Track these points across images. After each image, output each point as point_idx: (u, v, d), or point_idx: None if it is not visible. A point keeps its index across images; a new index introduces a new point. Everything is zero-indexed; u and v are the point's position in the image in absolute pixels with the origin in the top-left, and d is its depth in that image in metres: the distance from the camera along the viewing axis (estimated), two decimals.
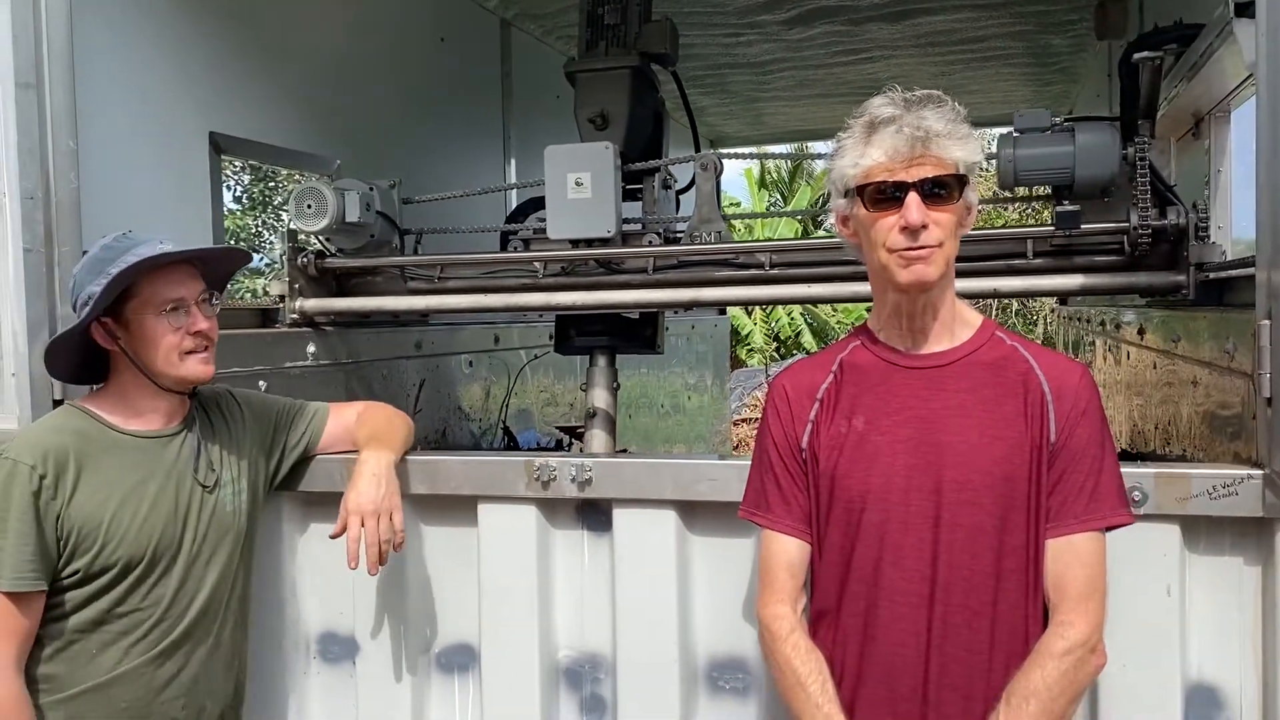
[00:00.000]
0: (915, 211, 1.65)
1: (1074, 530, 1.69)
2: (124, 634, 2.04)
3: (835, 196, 1.80)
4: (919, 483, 1.71)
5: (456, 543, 2.38)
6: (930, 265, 1.68)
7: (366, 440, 2.30)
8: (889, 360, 1.80)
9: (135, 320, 2.04)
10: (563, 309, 3.31)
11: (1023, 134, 2.85)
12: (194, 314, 2.08)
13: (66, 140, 2.53)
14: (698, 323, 7.66)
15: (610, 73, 3.54)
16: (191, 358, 2.08)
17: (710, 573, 2.22)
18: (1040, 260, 2.94)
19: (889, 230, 1.68)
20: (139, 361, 2.06)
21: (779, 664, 1.78)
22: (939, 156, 1.67)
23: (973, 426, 1.71)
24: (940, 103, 1.70)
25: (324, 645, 2.48)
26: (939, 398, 1.75)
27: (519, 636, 2.31)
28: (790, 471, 1.82)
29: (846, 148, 1.73)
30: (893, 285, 1.73)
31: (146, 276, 2.03)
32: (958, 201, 1.70)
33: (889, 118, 1.68)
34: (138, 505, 2.05)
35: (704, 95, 7.15)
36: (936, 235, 1.67)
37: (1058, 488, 1.70)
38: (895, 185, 1.67)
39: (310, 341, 3.40)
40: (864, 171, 1.70)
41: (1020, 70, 6.65)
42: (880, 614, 1.73)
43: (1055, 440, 1.70)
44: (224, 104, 3.30)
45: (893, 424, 1.75)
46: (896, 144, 1.66)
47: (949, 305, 1.80)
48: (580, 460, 2.23)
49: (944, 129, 1.67)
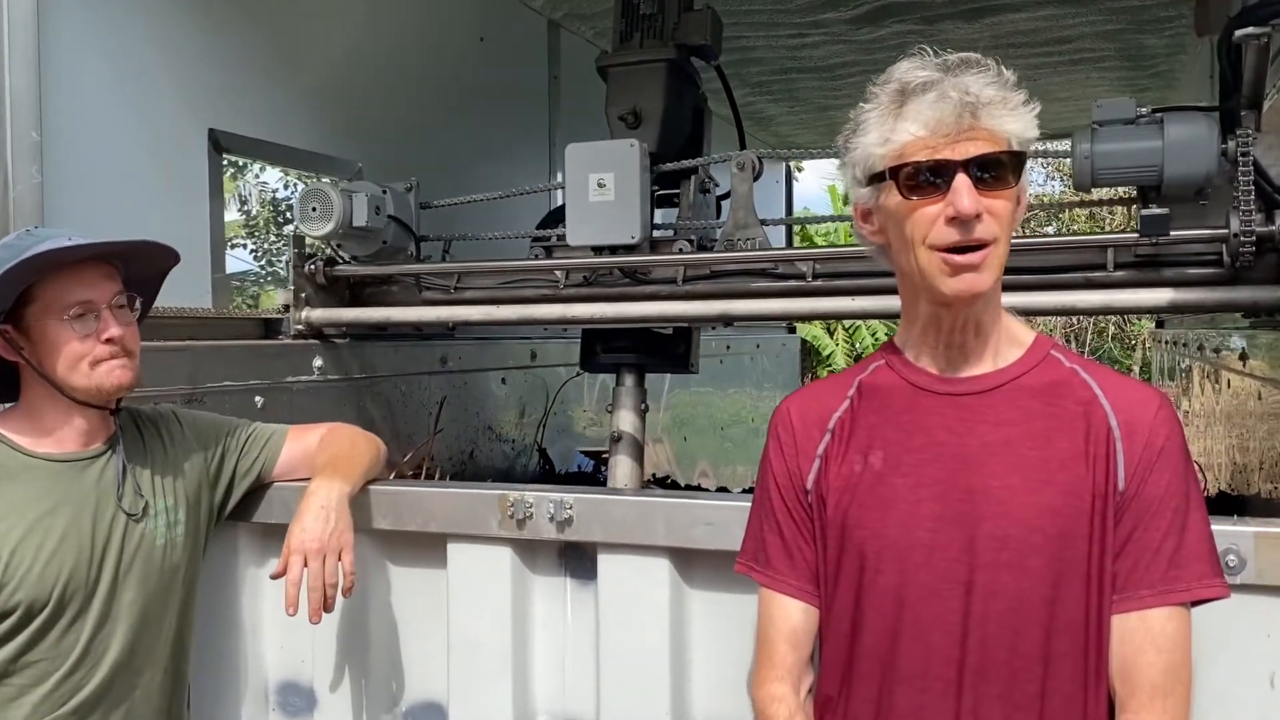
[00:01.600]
0: (967, 197, 1.29)
1: (1149, 604, 1.32)
2: (29, 688, 1.78)
3: (854, 186, 1.43)
4: (948, 538, 1.35)
5: (426, 585, 2.09)
6: (984, 272, 1.33)
7: (322, 467, 2.03)
8: (916, 384, 1.45)
9: (37, 327, 1.79)
10: (581, 322, 3.02)
11: (1103, 126, 2.47)
12: (105, 319, 1.81)
13: (29, 130, 2.35)
14: (763, 341, 7.32)
15: (644, 66, 3.24)
16: (105, 364, 1.81)
17: (710, 632, 1.89)
18: (1122, 273, 2.54)
19: (931, 223, 1.33)
20: (46, 373, 1.81)
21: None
22: (991, 129, 1.31)
23: (1017, 468, 1.35)
24: (983, 66, 1.34)
25: (284, 696, 2.21)
26: (976, 431, 1.39)
27: (493, 696, 2.00)
28: (794, 518, 1.48)
29: (870, 122, 1.36)
30: (930, 295, 1.38)
31: (49, 278, 1.77)
32: (1014, 185, 1.34)
33: (926, 82, 1.32)
34: (43, 539, 1.78)
35: (772, 103, 6.82)
36: (991, 229, 1.32)
37: (1128, 549, 1.33)
38: (938, 166, 1.31)
39: (317, 355, 3.17)
40: (897, 150, 1.33)
41: (1112, 74, 6.17)
42: (896, 704, 1.38)
43: (1124, 488, 1.33)
44: (226, 100, 3.09)
45: (916, 462, 1.40)
46: (940, 114, 1.31)
47: (995, 319, 1.44)
48: (559, 496, 1.92)
49: (996, 95, 1.32)
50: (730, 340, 6.58)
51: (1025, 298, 2.52)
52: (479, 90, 4.34)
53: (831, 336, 19.36)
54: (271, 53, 3.28)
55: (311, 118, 3.46)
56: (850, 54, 5.74)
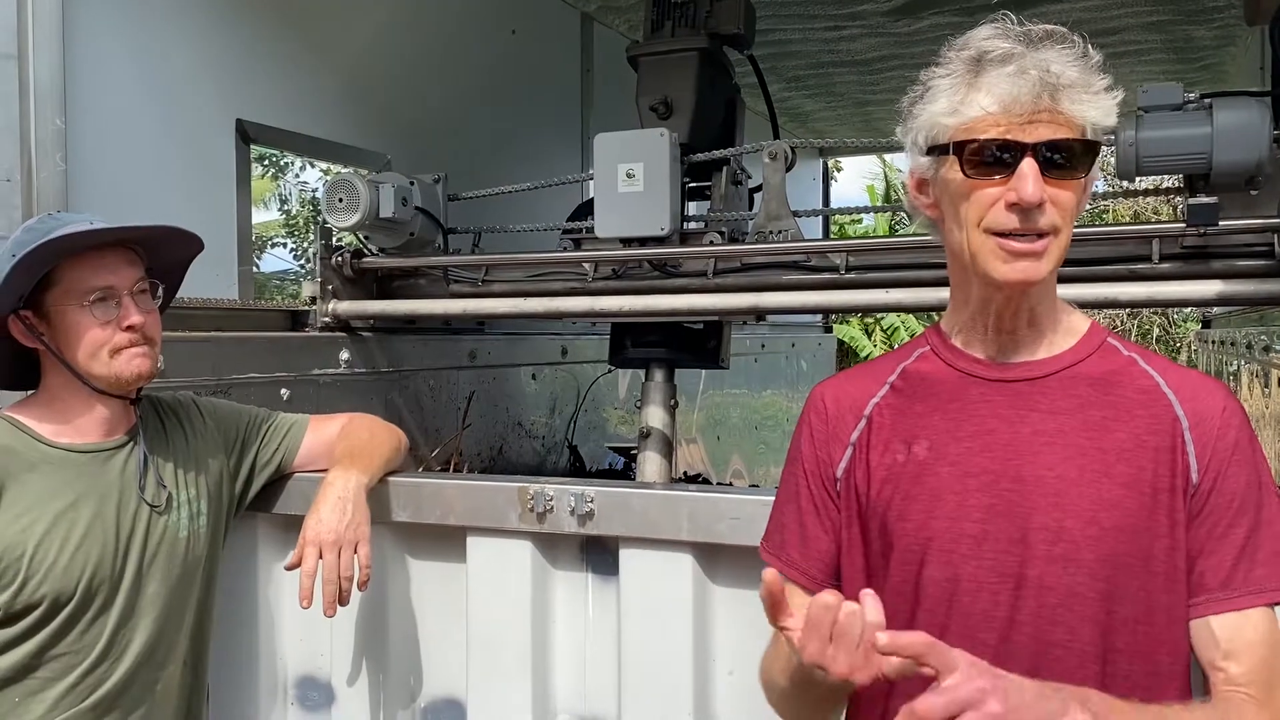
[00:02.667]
0: (1032, 185, 1.21)
1: (1247, 603, 1.25)
2: (52, 681, 1.75)
3: (914, 153, 1.35)
4: (998, 530, 1.28)
5: (446, 579, 2.05)
6: (1043, 261, 1.25)
7: (340, 458, 1.99)
8: (965, 371, 1.38)
9: (57, 311, 1.76)
10: (610, 315, 2.97)
11: (1148, 113, 2.38)
12: (126, 306, 1.78)
13: (53, 118, 2.34)
14: (798, 340, 7.23)
15: (675, 55, 3.19)
16: (125, 352, 1.78)
17: (734, 629, 1.82)
18: (1168, 264, 2.45)
19: (989, 205, 1.25)
20: (66, 360, 1.78)
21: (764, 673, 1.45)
22: (1068, 114, 1.23)
23: (1071, 458, 1.28)
24: (1069, 42, 1.25)
25: (303, 691, 2.17)
26: (1028, 420, 1.32)
27: (512, 694, 1.96)
28: (816, 505, 1.42)
29: (941, 89, 1.28)
30: (983, 279, 1.30)
31: (70, 262, 1.74)
32: (1083, 176, 1.26)
33: (1004, 54, 1.23)
34: (68, 531, 1.76)
35: (808, 98, 6.73)
36: (1053, 219, 1.24)
37: (1211, 546, 1.26)
38: (1007, 146, 1.23)
39: (344, 348, 3.14)
40: (967, 123, 1.25)
41: (1159, 68, 6.03)
42: None
43: (1199, 481, 1.27)
44: (255, 89, 3.07)
45: (965, 451, 1.33)
46: (1016, 90, 1.22)
47: (1050, 306, 1.36)
48: (580, 489, 1.87)
49: (1078, 78, 1.23)
50: (765, 339, 6.51)
51: (1068, 289, 2.42)
52: (510, 82, 4.31)
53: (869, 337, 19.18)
54: (300, 42, 3.26)
55: (340, 109, 3.44)
56: (888, 47, 5.65)
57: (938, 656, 1.11)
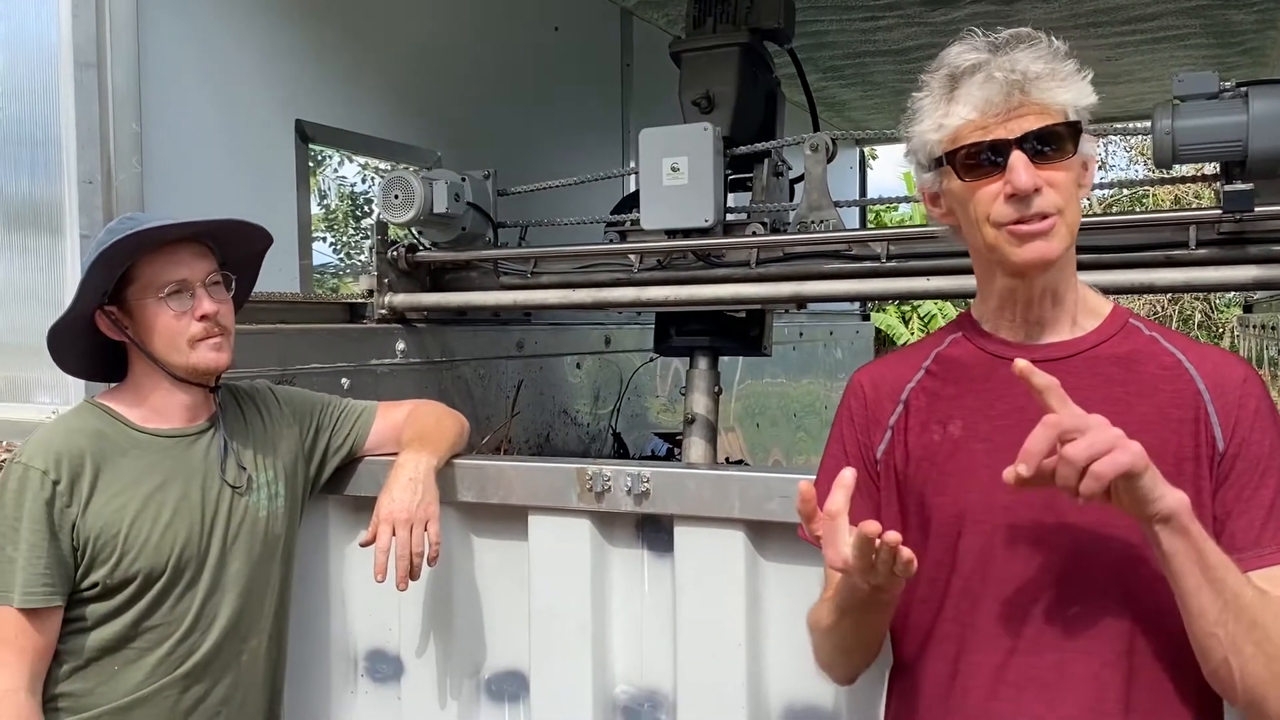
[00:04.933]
0: (1023, 173, 1.32)
1: (1279, 558, 1.32)
2: (147, 651, 1.88)
3: (919, 172, 1.48)
4: (1030, 500, 1.36)
5: (509, 557, 2.15)
6: (1052, 239, 1.35)
7: (409, 441, 2.10)
8: (994, 353, 1.47)
9: (137, 306, 1.88)
10: (655, 305, 3.05)
11: (1184, 101, 2.43)
12: (199, 297, 1.90)
13: (130, 123, 2.46)
14: (836, 328, 7.28)
15: (717, 51, 3.27)
16: (201, 345, 1.90)
17: (785, 604, 1.91)
18: (1205, 250, 2.50)
19: (992, 201, 1.36)
20: (148, 351, 1.91)
21: (811, 626, 1.56)
22: (1042, 103, 1.34)
23: None
24: (1033, 40, 1.37)
25: (372, 663, 2.29)
26: None
27: (573, 666, 2.06)
28: (859, 485, 1.50)
29: (924, 109, 1.42)
30: (1005, 268, 1.40)
31: (146, 258, 1.87)
32: (1073, 155, 1.36)
33: (973, 65, 1.36)
34: (158, 511, 1.89)
35: (845, 88, 6.76)
36: (1053, 200, 1.34)
37: (1240, 508, 1.33)
38: (993, 145, 1.35)
39: (400, 339, 3.26)
40: (951, 134, 1.38)
41: (1196, 52, 6.00)
42: (977, 664, 1.40)
43: (1224, 448, 1.34)
44: (312, 90, 3.19)
45: (995, 429, 1.42)
46: (988, 94, 1.34)
47: (1071, 289, 1.45)
48: (637, 470, 1.96)
49: (1044, 69, 1.34)
50: (803, 327, 6.56)
51: (1104, 276, 2.48)
52: (553, 79, 4.40)
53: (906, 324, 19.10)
54: (354, 45, 3.37)
55: (392, 107, 3.55)
56: (925, 36, 5.67)
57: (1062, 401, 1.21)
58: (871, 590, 1.32)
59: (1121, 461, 1.16)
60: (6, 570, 1.79)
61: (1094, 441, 1.17)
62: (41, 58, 2.46)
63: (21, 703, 1.77)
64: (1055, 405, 1.21)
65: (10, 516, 1.80)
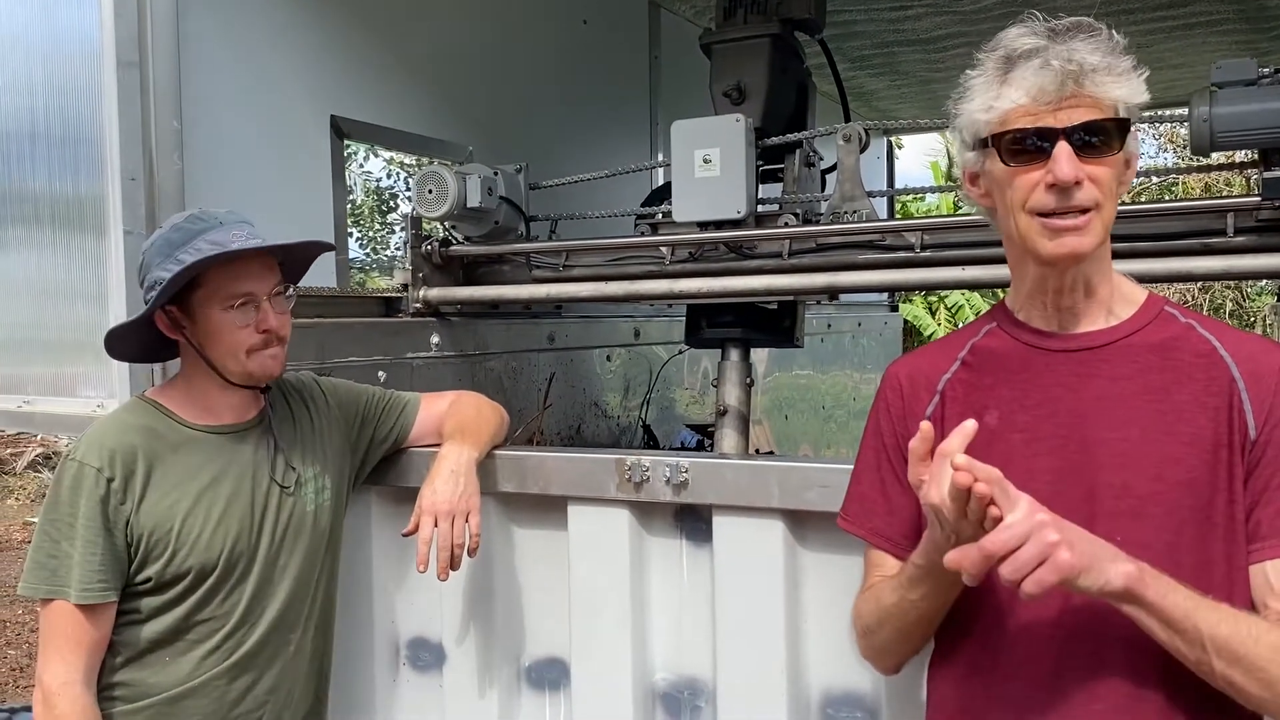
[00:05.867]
0: (1066, 165, 1.33)
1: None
2: (197, 643, 1.92)
3: (962, 150, 1.49)
4: (1067, 490, 1.37)
5: (549, 546, 2.18)
6: (1086, 235, 1.36)
7: (451, 433, 2.13)
8: (1029, 343, 1.48)
9: (201, 312, 1.91)
10: (687, 297, 3.06)
11: (1222, 88, 2.41)
12: (264, 309, 1.93)
13: (170, 120, 2.49)
14: (865, 320, 7.25)
15: (748, 42, 3.26)
16: (259, 354, 1.93)
17: (823, 593, 1.93)
18: (1243, 238, 2.48)
19: (1031, 189, 1.37)
20: (205, 354, 1.94)
21: (868, 612, 1.54)
22: (1095, 96, 1.35)
23: (1134, 420, 1.38)
24: (1093, 31, 1.37)
25: (414, 651, 2.32)
26: (1090, 386, 1.41)
27: (612, 654, 2.08)
28: (899, 475, 1.51)
29: (976, 88, 1.42)
30: (1036, 257, 1.41)
31: (216, 267, 1.89)
32: (1118, 153, 1.37)
33: (1030, 50, 1.36)
34: (210, 507, 1.92)
35: (873, 77, 6.73)
36: (1092, 195, 1.35)
37: (1268, 496, 1.34)
38: (1040, 133, 1.35)
39: (434, 332, 3.29)
40: (1000, 116, 1.38)
41: (1230, 38, 5.92)
42: (1015, 652, 1.41)
43: (1256, 436, 1.35)
44: (347, 86, 3.22)
45: (1032, 419, 1.43)
46: (1041, 81, 1.34)
47: (1106, 280, 1.46)
48: (675, 460, 1.98)
49: (1100, 62, 1.34)
50: (831, 319, 6.55)
51: (1141, 264, 2.48)
52: (582, 72, 4.42)
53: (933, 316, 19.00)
54: (387, 41, 3.40)
55: (424, 102, 3.57)
56: (954, 25, 5.64)
57: (1002, 493, 1.23)
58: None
59: (1046, 580, 1.19)
60: (64, 566, 1.83)
61: (1019, 563, 1.19)
62: (84, 57, 2.50)
63: (78, 695, 1.81)
64: (997, 497, 1.23)
65: (66, 513, 1.84)
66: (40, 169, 2.64)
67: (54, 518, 1.85)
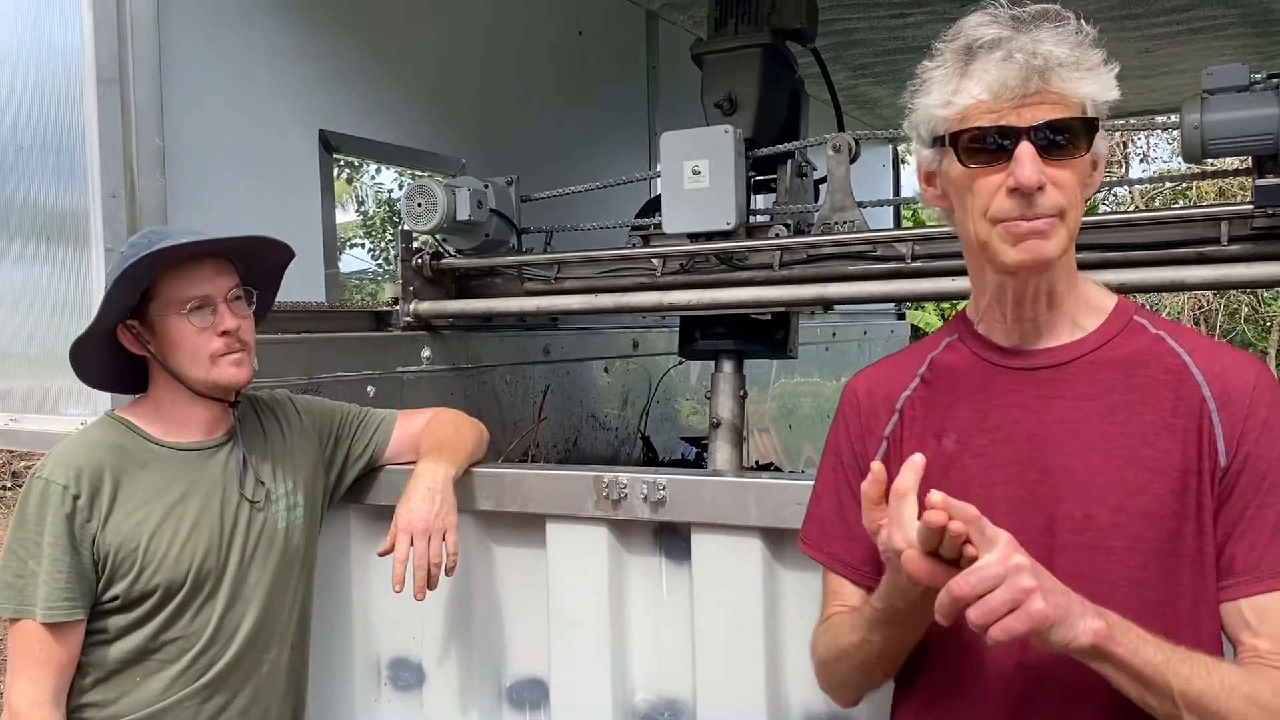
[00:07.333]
0: (1029, 168, 1.22)
1: (1278, 584, 1.24)
2: (168, 663, 1.90)
3: (918, 146, 1.37)
4: (1025, 520, 1.29)
5: (528, 565, 2.15)
6: (1050, 240, 1.25)
7: (428, 450, 2.10)
8: (989, 360, 1.39)
9: (160, 322, 1.90)
10: (679, 308, 3.04)
11: (1213, 95, 2.37)
12: (221, 312, 1.91)
13: (152, 137, 2.48)
14: (870, 327, 7.21)
15: (739, 53, 3.25)
16: (223, 360, 1.91)
17: (803, 611, 1.88)
18: (1238, 246, 2.44)
19: (991, 194, 1.26)
20: (169, 366, 1.92)
21: (825, 647, 1.45)
22: (1061, 93, 1.24)
23: (1096, 445, 1.29)
24: (1060, 20, 1.26)
25: (395, 672, 2.30)
26: (1052, 408, 1.33)
27: (592, 674, 2.05)
28: (857, 497, 1.46)
29: (934, 81, 1.30)
30: (995, 266, 1.31)
31: (168, 273, 1.88)
32: (1085, 154, 1.27)
33: (992, 40, 1.24)
34: (178, 524, 1.90)
35: (875, 85, 6.70)
36: (1056, 200, 1.25)
37: (1243, 528, 1.25)
38: (1001, 131, 1.24)
39: (425, 345, 3.27)
40: (959, 113, 1.27)
41: (1235, 42, 5.87)
42: (974, 686, 1.34)
43: (1227, 463, 1.25)
44: (335, 100, 3.21)
45: (990, 443, 1.34)
46: (1004, 75, 1.23)
47: (1071, 289, 1.36)
48: (653, 477, 1.95)
49: (1068, 55, 1.23)
50: (836, 327, 6.51)
51: (1135, 274, 2.44)
52: (578, 83, 4.40)
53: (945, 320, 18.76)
54: (377, 54, 3.39)
55: (416, 116, 3.56)
56: None
57: (979, 533, 1.13)
58: (923, 593, 1.22)
59: (1014, 629, 1.10)
60: (29, 584, 1.81)
61: (988, 609, 1.10)
62: (66, 73, 2.50)
63: (47, 715, 1.79)
64: (973, 536, 1.14)
65: (32, 531, 1.83)
66: (24, 183, 2.64)
67: (21, 536, 1.83)
